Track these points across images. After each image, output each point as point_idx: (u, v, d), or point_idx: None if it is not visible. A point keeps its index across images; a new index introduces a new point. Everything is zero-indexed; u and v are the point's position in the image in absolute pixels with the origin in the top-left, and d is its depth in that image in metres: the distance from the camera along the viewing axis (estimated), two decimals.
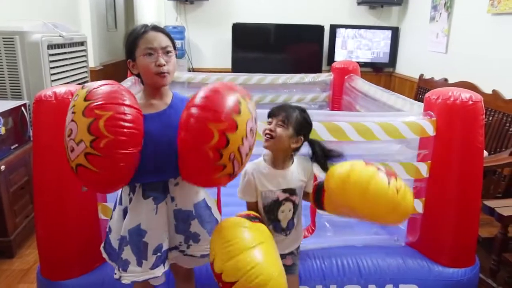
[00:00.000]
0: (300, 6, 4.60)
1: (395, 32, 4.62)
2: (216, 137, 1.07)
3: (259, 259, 1.18)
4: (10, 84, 2.50)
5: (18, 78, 2.50)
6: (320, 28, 4.55)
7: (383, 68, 4.78)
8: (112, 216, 1.36)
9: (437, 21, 3.76)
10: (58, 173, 1.56)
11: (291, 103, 1.40)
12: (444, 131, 1.69)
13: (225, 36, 4.49)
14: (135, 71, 1.27)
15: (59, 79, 2.72)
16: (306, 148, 1.46)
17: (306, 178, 1.45)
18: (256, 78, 3.31)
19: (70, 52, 2.90)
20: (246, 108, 1.14)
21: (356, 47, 4.66)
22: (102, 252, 1.39)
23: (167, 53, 1.24)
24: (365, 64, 4.58)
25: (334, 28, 4.60)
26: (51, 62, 2.62)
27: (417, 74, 4.02)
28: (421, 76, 3.94)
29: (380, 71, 4.78)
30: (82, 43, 3.13)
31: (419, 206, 1.79)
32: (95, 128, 1.05)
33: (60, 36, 2.74)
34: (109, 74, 4.34)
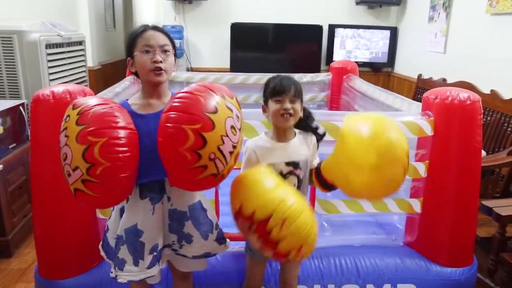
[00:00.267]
0: (299, 6, 4.59)
1: (394, 32, 4.62)
2: (191, 138, 1.05)
3: (289, 192, 1.19)
4: (8, 83, 2.50)
5: (16, 78, 2.49)
6: (319, 28, 4.55)
7: (382, 68, 4.78)
8: (110, 216, 1.36)
9: (435, 21, 3.76)
10: (56, 172, 1.55)
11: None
12: (442, 131, 1.69)
13: (223, 35, 4.48)
14: (133, 69, 1.28)
15: (57, 79, 2.71)
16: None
17: (309, 151, 1.43)
18: (254, 77, 3.30)
19: (68, 52, 2.90)
20: (224, 106, 1.12)
21: (354, 47, 4.66)
22: (100, 250, 1.40)
23: (165, 51, 1.25)
24: (363, 64, 4.58)
25: (332, 28, 4.60)
26: (49, 61, 2.62)
27: (415, 74, 4.02)
28: (419, 76, 3.94)
29: (379, 71, 4.78)
30: (80, 43, 3.12)
31: (417, 206, 1.79)
32: (90, 155, 1.04)
33: (58, 35, 2.74)
34: (107, 74, 4.33)
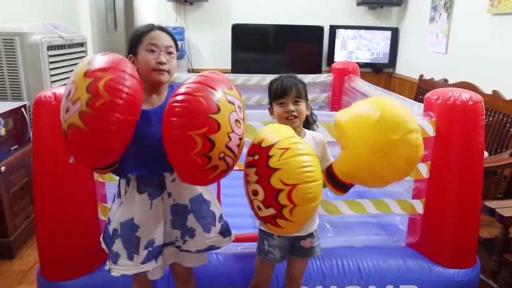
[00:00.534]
0: (300, 6, 4.59)
1: (395, 33, 4.62)
2: (199, 143, 1.05)
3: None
4: (10, 85, 2.50)
5: (18, 79, 2.50)
6: (320, 29, 4.55)
7: (383, 69, 4.78)
8: (111, 208, 1.36)
9: (437, 21, 3.76)
10: (58, 174, 1.56)
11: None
12: (444, 132, 1.69)
13: (224, 37, 4.49)
14: (135, 66, 1.26)
15: (59, 80, 2.71)
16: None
17: (318, 151, 1.42)
18: (255, 78, 3.30)
19: (70, 53, 2.90)
20: (226, 101, 1.10)
21: (355, 47, 4.66)
22: (101, 242, 1.39)
23: (169, 53, 1.27)
24: (364, 65, 4.58)
25: (333, 28, 4.60)
26: (51, 63, 2.62)
27: (417, 75, 4.02)
28: (421, 76, 3.94)
29: (380, 72, 4.78)
30: (82, 44, 3.12)
31: (419, 207, 1.79)
32: (94, 88, 1.04)
33: (60, 37, 2.74)
34: None
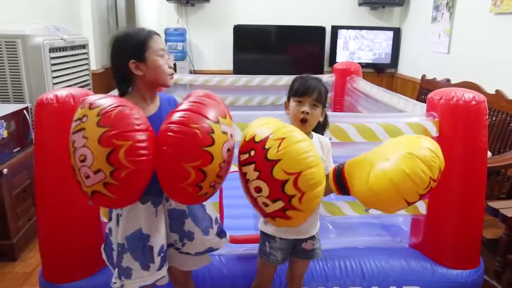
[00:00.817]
0: (301, 7, 4.59)
1: (397, 33, 4.60)
2: (192, 175, 1.06)
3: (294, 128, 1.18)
4: (12, 87, 2.51)
5: (20, 82, 2.50)
6: (322, 29, 4.54)
7: (385, 69, 4.77)
8: (111, 218, 1.34)
9: (439, 21, 3.75)
10: (60, 176, 1.56)
11: None
12: (447, 132, 1.68)
13: (226, 38, 4.48)
14: (139, 72, 1.23)
15: (61, 82, 2.72)
16: None
17: (324, 155, 1.42)
18: (257, 79, 3.30)
19: (71, 55, 2.91)
20: (220, 132, 1.09)
21: (357, 48, 4.65)
22: (102, 253, 1.39)
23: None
24: (367, 65, 4.57)
25: (335, 29, 4.59)
26: (52, 65, 2.62)
27: (419, 75, 4.00)
28: (423, 76, 3.92)
29: (382, 72, 4.77)
30: (83, 46, 3.13)
31: (422, 207, 1.78)
32: (115, 159, 1.02)
33: (61, 39, 2.75)
34: (110, 77, 4.33)
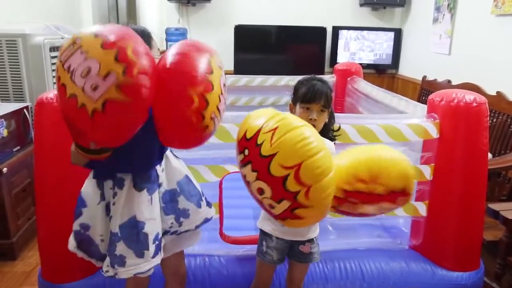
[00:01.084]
0: (302, 7, 4.59)
1: (398, 34, 4.60)
2: (196, 101, 1.06)
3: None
4: (13, 86, 2.51)
5: (20, 81, 2.50)
6: (323, 30, 4.54)
7: (386, 70, 4.76)
8: (81, 213, 1.28)
9: (440, 22, 3.74)
10: (60, 175, 1.56)
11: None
12: (448, 133, 1.68)
13: (227, 38, 4.48)
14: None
15: None
16: None
17: None
18: (258, 79, 3.30)
19: None
20: (216, 65, 1.14)
21: (358, 48, 4.65)
22: (76, 252, 1.33)
23: None
24: (367, 66, 4.57)
25: (336, 29, 4.59)
26: (53, 64, 2.62)
27: (420, 76, 4.00)
28: (424, 77, 3.92)
29: (383, 73, 4.76)
30: None
31: (422, 209, 1.78)
32: (124, 57, 0.98)
33: (62, 38, 2.75)
34: None
